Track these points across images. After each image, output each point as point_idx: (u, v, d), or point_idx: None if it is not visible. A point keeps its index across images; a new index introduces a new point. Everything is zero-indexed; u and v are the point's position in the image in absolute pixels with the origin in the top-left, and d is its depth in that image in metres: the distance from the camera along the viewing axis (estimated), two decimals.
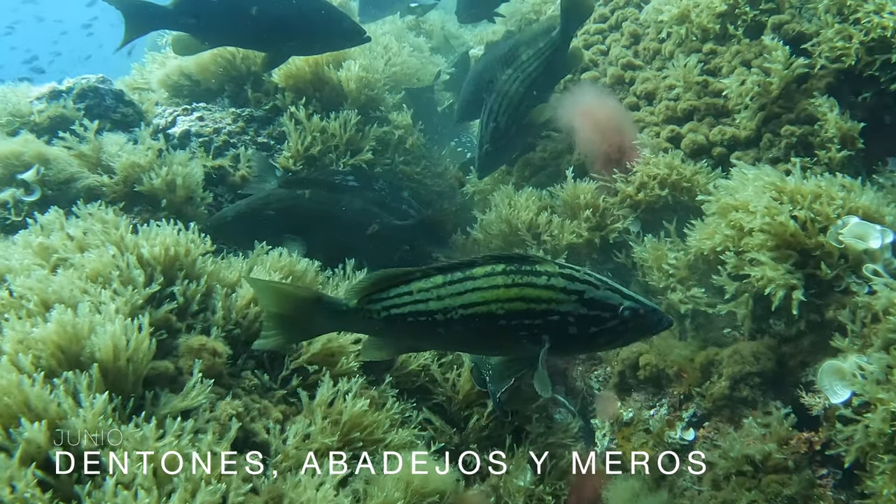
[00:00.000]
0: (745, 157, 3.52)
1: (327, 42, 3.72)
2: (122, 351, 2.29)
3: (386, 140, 4.15)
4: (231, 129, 3.95)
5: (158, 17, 3.50)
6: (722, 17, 3.89)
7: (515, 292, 2.20)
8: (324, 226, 3.34)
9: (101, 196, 3.22)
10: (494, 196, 3.89)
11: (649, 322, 2.25)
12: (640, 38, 4.49)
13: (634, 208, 3.60)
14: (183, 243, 2.88)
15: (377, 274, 2.30)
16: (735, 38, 3.86)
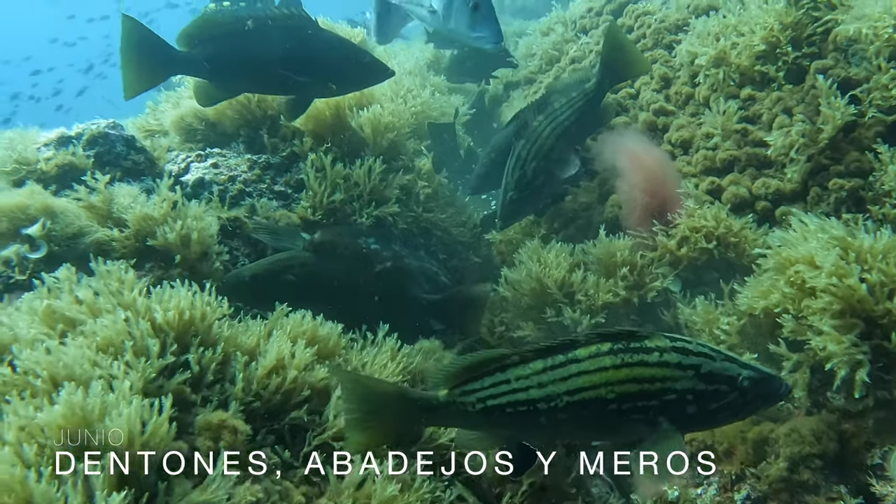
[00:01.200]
0: (792, 211, 3.32)
1: (352, 80, 3.55)
2: (138, 437, 2.08)
3: (409, 188, 3.96)
4: (247, 177, 3.77)
5: (175, 63, 3.33)
6: (762, 58, 3.72)
7: (626, 373, 2.02)
8: (348, 295, 3.14)
9: (111, 251, 3.03)
10: (521, 252, 3.68)
11: (770, 391, 2.09)
12: (672, 82, 4.34)
13: (675, 265, 3.40)
14: (199, 307, 2.68)
15: (466, 360, 2.11)
16: (775, 83, 3.68)
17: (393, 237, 3.71)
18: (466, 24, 3.28)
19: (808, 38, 3.63)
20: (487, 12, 3.28)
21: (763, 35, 3.64)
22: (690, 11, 4.63)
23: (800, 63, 3.62)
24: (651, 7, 4.98)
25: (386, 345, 3.08)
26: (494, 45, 3.38)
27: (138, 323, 2.48)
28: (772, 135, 3.45)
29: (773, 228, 3.30)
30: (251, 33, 3.37)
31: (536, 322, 3.53)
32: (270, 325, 2.93)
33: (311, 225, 3.70)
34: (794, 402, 2.91)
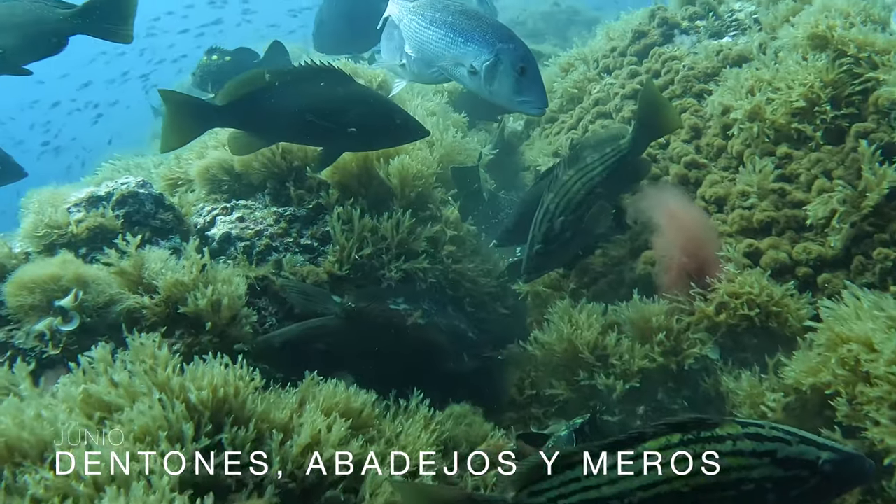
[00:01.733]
0: (835, 279, 3.25)
1: (386, 138, 3.50)
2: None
3: (436, 239, 3.89)
4: (273, 230, 3.71)
5: (213, 117, 3.34)
6: (798, 115, 3.66)
7: (700, 465, 1.95)
8: (379, 364, 3.08)
9: (142, 319, 2.97)
10: (551, 312, 3.61)
11: (853, 472, 2.02)
12: (702, 132, 4.27)
13: (712, 331, 3.32)
14: (232, 382, 2.62)
15: (533, 460, 2.05)
16: (812, 142, 3.62)
17: (421, 295, 3.64)
18: (511, 87, 3.17)
19: (847, 97, 3.57)
20: (534, 76, 3.18)
21: (802, 92, 3.58)
22: (721, 60, 4.58)
23: (838, 123, 3.56)
24: (678, 52, 4.93)
25: (419, 413, 3.02)
26: (540, 111, 3.29)
27: (173, 405, 2.42)
28: (811, 202, 3.38)
29: (814, 296, 3.24)
30: (286, 87, 3.33)
31: (569, 382, 3.45)
32: (301, 394, 2.87)
33: (338, 280, 3.64)
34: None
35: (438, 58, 3.40)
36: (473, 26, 3.27)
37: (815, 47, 3.77)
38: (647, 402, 3.34)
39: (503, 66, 3.15)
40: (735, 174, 3.91)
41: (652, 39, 5.24)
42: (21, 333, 2.89)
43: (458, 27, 3.28)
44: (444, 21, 3.32)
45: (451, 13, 3.34)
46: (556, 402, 3.51)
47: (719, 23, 5.05)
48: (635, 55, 5.31)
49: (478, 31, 3.24)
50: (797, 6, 4.41)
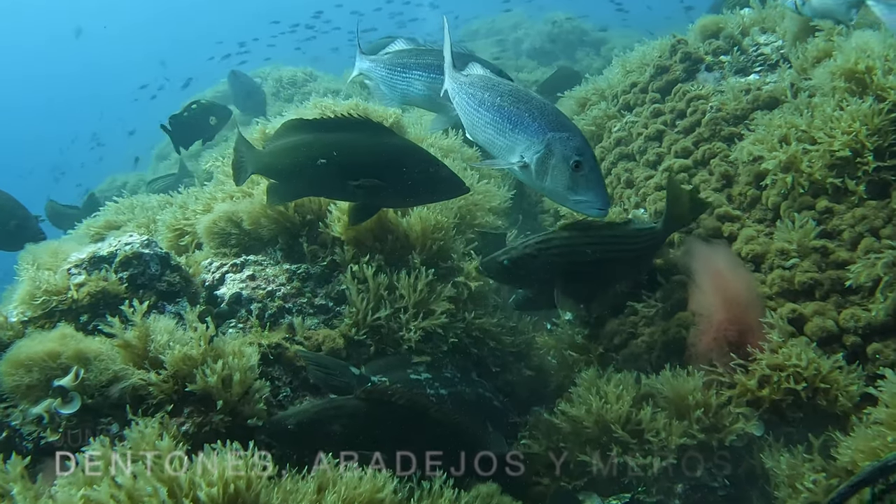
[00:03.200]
0: (886, 349, 3.05)
1: (424, 193, 3.30)
2: None
3: (457, 297, 3.69)
4: (286, 290, 3.51)
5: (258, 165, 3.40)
6: (837, 167, 3.47)
7: None
8: (399, 448, 2.87)
9: (148, 397, 2.76)
10: (578, 384, 3.39)
11: None
12: (733, 180, 4.08)
13: (756, 405, 3.11)
14: (243, 474, 2.41)
15: None
16: (855, 196, 3.42)
17: (443, 363, 3.44)
18: (565, 184, 2.86)
19: (889, 147, 3.39)
20: (591, 172, 2.86)
21: (846, 141, 3.38)
22: (751, 101, 4.38)
23: (882, 176, 3.37)
24: (703, 91, 4.74)
25: (443, 497, 2.81)
26: (601, 213, 2.92)
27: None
28: (854, 266, 3.18)
29: (863, 368, 3.04)
30: (323, 139, 3.21)
31: (602, 454, 3.24)
32: (319, 481, 2.66)
33: (355, 344, 3.44)
34: None
35: (490, 145, 3.15)
36: (522, 111, 2.98)
37: (852, 91, 3.59)
38: (685, 480, 3.13)
39: (555, 159, 2.85)
40: (771, 227, 3.72)
41: (674, 75, 5.06)
42: (17, 413, 2.68)
43: (506, 111, 3.01)
44: (493, 103, 3.05)
45: (499, 94, 3.07)
46: (587, 472, 3.30)
47: (745, 58, 4.86)
48: (657, 91, 5.12)
49: (527, 116, 2.96)
50: (828, 46, 4.22)
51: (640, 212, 4.27)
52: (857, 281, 3.13)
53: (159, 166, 11.27)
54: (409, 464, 2.85)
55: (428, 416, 2.85)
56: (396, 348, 3.48)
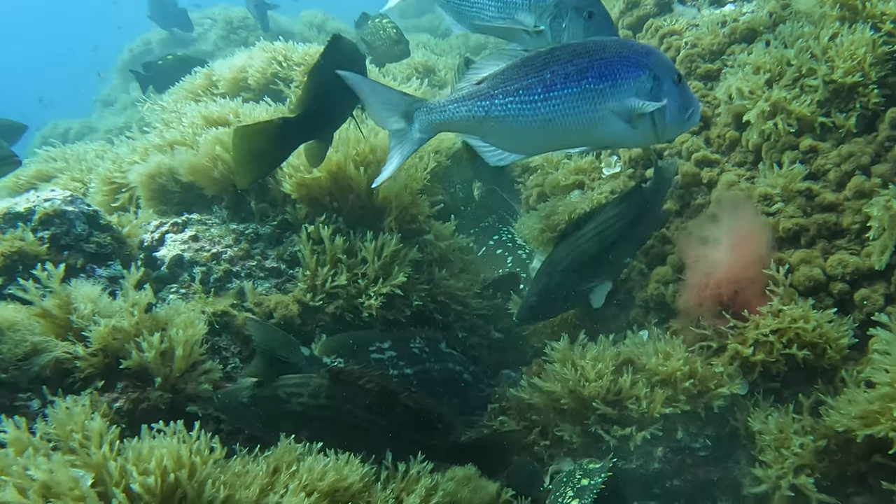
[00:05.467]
0: (874, 295, 2.87)
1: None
2: None
3: (422, 259, 3.42)
4: (233, 253, 3.20)
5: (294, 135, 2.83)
6: (828, 103, 3.23)
7: None
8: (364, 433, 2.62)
9: (74, 371, 2.47)
10: (551, 355, 3.14)
11: None
12: (711, 122, 3.84)
13: (749, 370, 2.92)
14: (186, 461, 2.14)
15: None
16: (842, 131, 3.20)
17: (411, 335, 3.18)
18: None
19: (884, 78, 3.16)
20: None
21: (847, 68, 3.13)
22: (727, 35, 4.10)
23: (872, 109, 3.15)
24: (677, 27, 4.44)
25: (420, 483, 2.57)
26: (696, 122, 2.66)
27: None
28: (848, 205, 2.97)
29: (848, 314, 2.86)
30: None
31: (582, 426, 3.03)
32: (276, 462, 2.41)
33: (310, 311, 3.16)
34: None
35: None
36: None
37: (843, 19, 3.33)
38: (666, 444, 2.94)
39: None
40: (753, 171, 3.50)
41: (645, 10, 4.72)
42: None
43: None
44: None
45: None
46: (564, 443, 3.10)
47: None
48: (629, 28, 4.81)
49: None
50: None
51: (614, 159, 4.02)
52: (876, 228, 2.89)
53: (105, 112, 10.68)
54: (373, 449, 2.61)
55: (398, 404, 2.60)
56: (356, 315, 3.20)
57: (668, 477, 2.95)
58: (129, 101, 9.72)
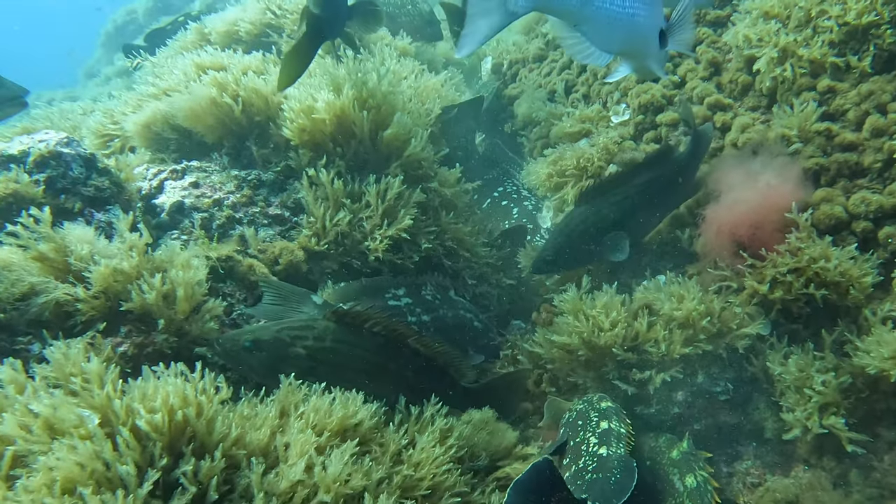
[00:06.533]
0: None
1: None
2: None
3: (428, 202, 3.32)
4: (235, 199, 3.09)
5: None
6: (840, 45, 3.15)
7: None
8: (373, 378, 2.53)
9: (75, 315, 2.36)
10: (561, 306, 3.06)
11: None
12: (722, 68, 3.74)
13: (767, 308, 2.84)
14: (192, 400, 2.05)
15: None
16: (855, 71, 3.12)
17: (422, 282, 3.08)
18: None
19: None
20: None
21: (861, 8, 3.03)
22: None
23: (889, 48, 3.06)
24: None
25: (435, 424, 2.48)
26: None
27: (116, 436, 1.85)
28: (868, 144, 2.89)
29: (873, 254, 2.78)
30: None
31: (597, 371, 2.96)
32: (281, 405, 2.31)
33: (316, 257, 3.06)
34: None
35: None
36: None
37: None
38: (686, 388, 2.87)
39: None
40: (767, 115, 3.41)
41: None
42: None
43: None
44: None
45: None
46: (578, 390, 3.03)
47: None
48: None
49: None
50: None
51: (622, 106, 3.91)
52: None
53: (88, 84, 10.46)
54: (384, 395, 2.52)
55: (406, 344, 2.51)
56: (362, 260, 3.11)
57: (689, 422, 2.89)
58: (114, 72, 9.51)
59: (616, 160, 3.53)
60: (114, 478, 1.82)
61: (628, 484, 2.31)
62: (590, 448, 2.49)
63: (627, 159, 3.53)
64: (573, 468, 2.46)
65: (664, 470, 2.65)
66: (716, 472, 2.85)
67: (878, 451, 2.56)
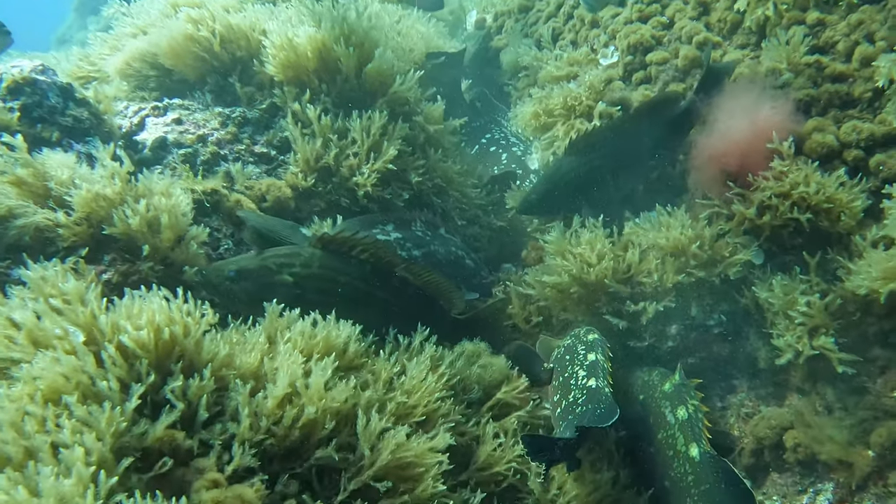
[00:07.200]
0: (890, 160, 2.78)
1: None
2: None
3: (413, 138, 3.27)
4: (220, 136, 3.02)
5: None
6: None
7: None
8: (361, 307, 2.48)
9: (57, 240, 2.29)
10: (547, 247, 3.04)
11: None
12: (710, 7, 3.70)
13: (756, 234, 2.83)
14: (179, 319, 2.00)
15: None
16: (841, 4, 3.10)
17: (412, 218, 3.03)
18: None
19: None
20: None
21: None
22: None
23: None
24: None
25: (425, 352, 2.44)
26: None
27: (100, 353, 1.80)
28: (881, 62, 2.85)
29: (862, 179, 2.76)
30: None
31: (590, 306, 2.93)
32: (268, 331, 2.26)
33: (304, 195, 3.01)
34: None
35: None
36: None
37: None
38: (679, 321, 2.86)
39: None
40: (756, 52, 3.38)
41: None
42: None
43: None
44: None
45: None
46: (571, 326, 3.01)
47: None
48: None
49: None
50: None
51: (611, 49, 3.86)
52: (881, 74, 2.79)
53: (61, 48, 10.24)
54: (374, 325, 2.48)
55: (394, 273, 2.46)
56: (351, 198, 3.06)
57: (683, 355, 2.87)
58: (87, 38, 9.30)
59: (606, 99, 3.48)
60: (100, 392, 1.77)
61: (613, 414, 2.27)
62: (579, 381, 2.46)
63: (617, 98, 3.49)
64: (563, 403, 2.43)
65: (657, 403, 2.63)
66: (710, 406, 2.85)
67: (872, 374, 2.56)
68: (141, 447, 1.79)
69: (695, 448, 2.38)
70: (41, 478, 1.45)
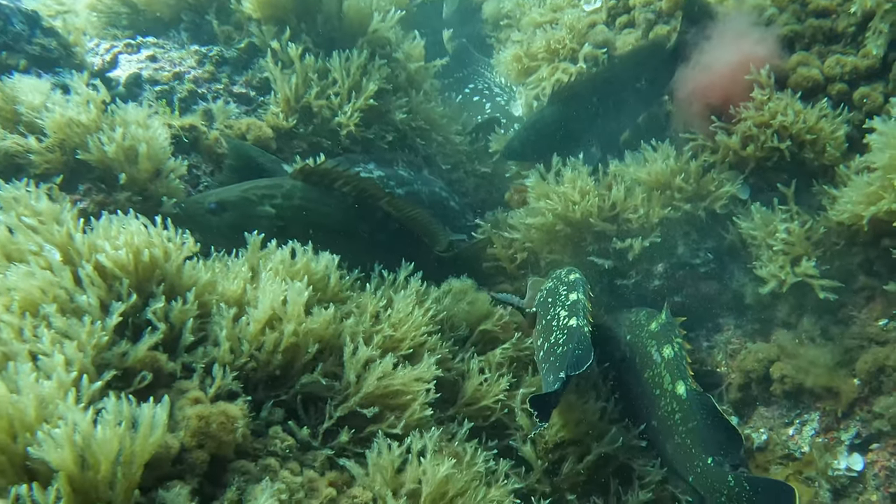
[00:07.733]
0: (874, 93, 2.78)
1: None
2: (110, 460, 1.39)
3: (395, 78, 3.21)
4: (197, 74, 2.94)
5: None
6: None
7: None
8: (345, 240, 2.42)
9: (29, 167, 2.21)
10: (529, 192, 3.00)
11: None
12: None
13: (741, 167, 2.82)
14: (158, 243, 1.93)
15: None
16: None
17: (394, 158, 2.98)
18: None
19: None
20: None
21: None
22: None
23: None
24: None
25: (410, 287, 2.40)
26: None
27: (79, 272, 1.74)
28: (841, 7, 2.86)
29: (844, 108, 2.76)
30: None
31: (576, 246, 2.91)
32: (251, 262, 2.20)
33: (286, 136, 2.94)
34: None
35: None
36: None
37: None
38: (666, 258, 2.84)
39: None
40: None
41: None
42: None
43: None
44: None
45: None
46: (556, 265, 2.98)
47: None
48: None
49: None
50: None
51: None
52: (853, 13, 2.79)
53: None
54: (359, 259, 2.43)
55: (378, 207, 2.41)
56: (333, 139, 3.00)
57: (669, 293, 2.87)
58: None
59: (590, 41, 3.44)
60: (79, 307, 1.71)
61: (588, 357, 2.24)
62: (560, 321, 2.43)
63: (601, 41, 3.45)
64: (546, 346, 2.40)
65: (643, 343, 2.62)
66: (697, 345, 2.85)
67: (858, 304, 2.57)
68: (122, 367, 1.74)
69: (681, 386, 2.37)
70: (20, 375, 1.39)
